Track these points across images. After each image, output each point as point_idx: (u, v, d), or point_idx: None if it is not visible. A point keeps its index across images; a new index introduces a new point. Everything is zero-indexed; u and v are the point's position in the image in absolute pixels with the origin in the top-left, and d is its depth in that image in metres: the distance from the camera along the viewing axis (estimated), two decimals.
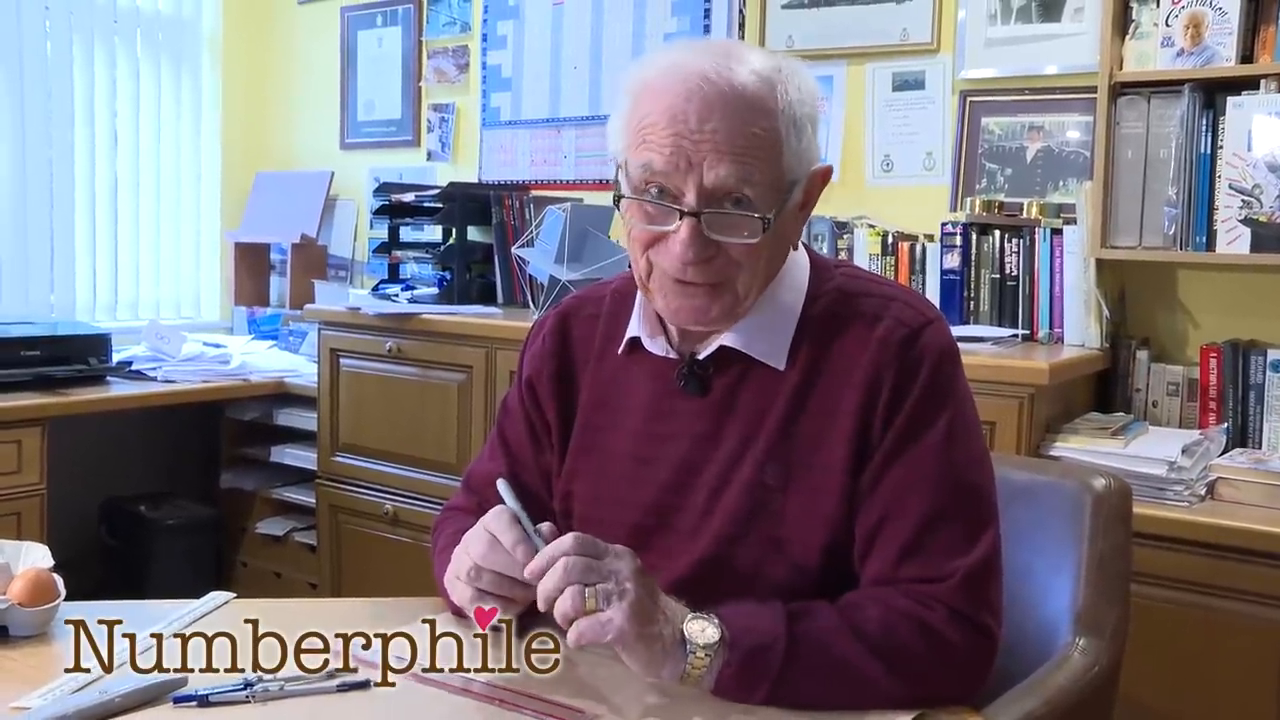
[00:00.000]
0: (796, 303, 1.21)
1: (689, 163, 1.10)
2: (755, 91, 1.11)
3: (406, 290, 3.19)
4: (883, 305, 1.19)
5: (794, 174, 1.15)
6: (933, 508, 1.13)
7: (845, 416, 1.15)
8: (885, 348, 1.16)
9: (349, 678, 1.10)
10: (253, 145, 4.09)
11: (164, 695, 1.05)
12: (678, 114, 1.10)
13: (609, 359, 1.29)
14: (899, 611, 1.09)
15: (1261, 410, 2.22)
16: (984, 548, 1.13)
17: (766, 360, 1.19)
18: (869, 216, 2.69)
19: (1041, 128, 2.60)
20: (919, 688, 1.08)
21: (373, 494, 2.96)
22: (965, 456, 1.16)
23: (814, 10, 2.89)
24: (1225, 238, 2.16)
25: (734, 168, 1.10)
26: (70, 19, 3.57)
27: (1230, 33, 2.16)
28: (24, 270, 3.49)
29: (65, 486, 2.97)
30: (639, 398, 1.25)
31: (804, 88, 1.15)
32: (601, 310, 1.32)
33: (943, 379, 1.17)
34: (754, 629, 1.07)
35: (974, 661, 1.11)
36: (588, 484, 1.28)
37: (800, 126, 1.14)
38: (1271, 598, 1.86)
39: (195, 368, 3.21)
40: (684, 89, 1.10)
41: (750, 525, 1.17)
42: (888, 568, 1.13)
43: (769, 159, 1.12)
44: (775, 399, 1.18)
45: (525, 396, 1.35)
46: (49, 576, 1.24)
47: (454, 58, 3.61)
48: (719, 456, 1.20)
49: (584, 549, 1.05)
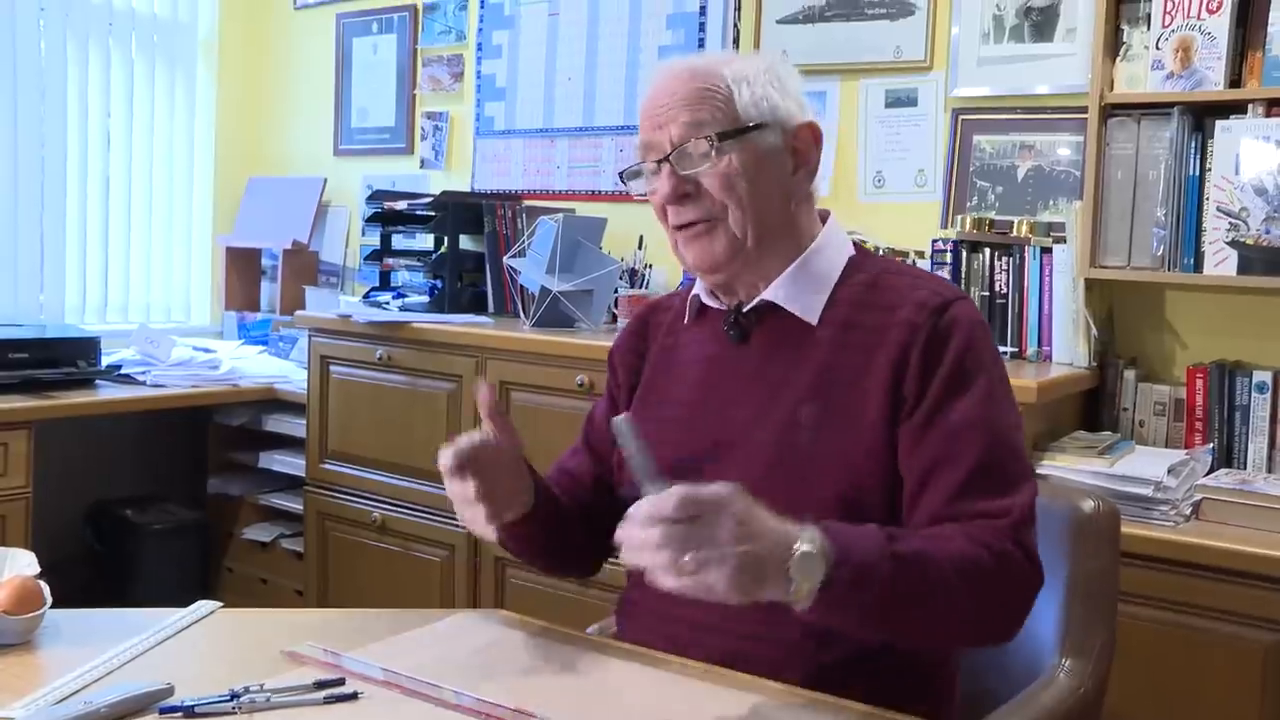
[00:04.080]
0: (834, 272, 1.37)
1: (661, 128, 1.33)
2: (706, 64, 1.36)
3: (397, 298, 3.20)
4: (920, 280, 1.35)
5: (754, 117, 1.33)
6: (984, 454, 1.22)
7: (880, 369, 1.27)
8: (920, 310, 1.28)
9: (336, 689, 1.10)
10: (246, 150, 4.09)
11: (150, 706, 1.05)
12: (652, 99, 1.36)
13: (675, 334, 1.47)
14: (979, 541, 1.17)
15: (1247, 431, 2.24)
16: (1029, 493, 1.24)
17: (801, 314, 1.34)
18: (860, 232, 2.69)
19: (1033, 147, 2.62)
20: (990, 611, 1.18)
21: (361, 501, 2.96)
22: (1006, 421, 1.27)
23: (808, 26, 2.90)
24: (1213, 259, 2.17)
25: (689, 113, 1.32)
26: (65, 20, 3.57)
27: (1219, 57, 2.18)
28: (13, 271, 3.48)
29: (52, 490, 2.96)
30: (697, 352, 1.43)
31: (755, 61, 1.37)
32: (676, 299, 1.51)
33: (978, 343, 1.29)
34: (858, 548, 1.10)
35: (1030, 593, 1.21)
36: (646, 430, 1.33)
37: (754, 81, 1.33)
38: (1256, 618, 1.87)
39: (184, 372, 3.21)
40: (660, 78, 1.37)
41: (781, 458, 1.29)
42: (945, 504, 1.22)
43: (721, 105, 1.32)
44: (811, 350, 1.33)
45: (609, 372, 1.54)
46: (35, 584, 1.24)
47: (449, 66, 3.62)
48: (755, 397, 1.34)
49: (685, 509, 1.04)
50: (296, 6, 4.01)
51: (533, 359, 2.61)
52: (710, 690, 1.15)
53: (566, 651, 1.25)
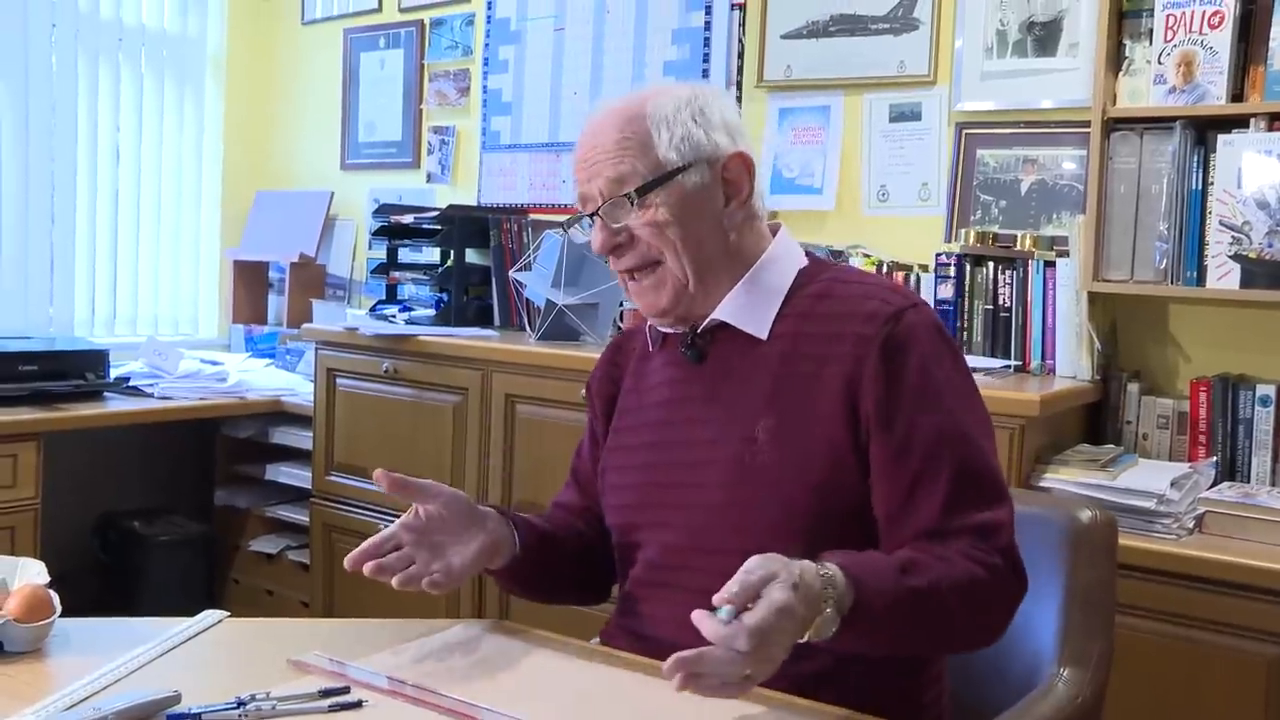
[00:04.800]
0: (783, 285, 1.37)
1: (590, 181, 1.35)
2: (625, 106, 1.35)
3: (404, 311, 3.21)
4: (870, 290, 1.33)
5: (675, 160, 1.32)
6: (963, 464, 1.24)
7: (833, 380, 1.27)
8: (871, 321, 1.28)
9: (341, 698, 1.11)
10: (254, 164, 4.12)
11: (157, 713, 1.06)
12: (580, 148, 1.37)
13: (643, 360, 1.48)
14: (977, 561, 1.19)
15: (1250, 444, 2.24)
16: (1009, 501, 1.26)
17: (749, 330, 1.35)
18: (864, 246, 2.71)
19: (1036, 161, 2.63)
20: (980, 624, 1.22)
21: (366, 513, 2.97)
22: (979, 428, 1.29)
23: (813, 41, 2.92)
24: (1215, 273, 2.18)
25: (612, 168, 1.33)
26: (76, 36, 3.60)
27: (1221, 71, 2.19)
28: (23, 284, 3.50)
29: (60, 501, 2.98)
30: (661, 376, 1.44)
31: (677, 95, 1.35)
32: (644, 327, 1.50)
33: (937, 349, 1.28)
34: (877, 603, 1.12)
35: (1016, 602, 1.24)
36: (619, 457, 1.45)
37: (673, 121, 1.33)
38: (1259, 631, 1.87)
39: (192, 385, 3.22)
40: (585, 128, 1.38)
41: (742, 474, 1.30)
42: (937, 519, 1.22)
43: (640, 153, 1.32)
44: (763, 365, 1.33)
45: (588, 404, 1.57)
46: (45, 593, 1.25)
47: (455, 81, 3.64)
48: (716, 415, 1.35)
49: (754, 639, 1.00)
50: (304, 21, 4.04)
51: (538, 372, 2.62)
52: (712, 699, 1.16)
53: (569, 661, 1.26)
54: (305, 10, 4.03)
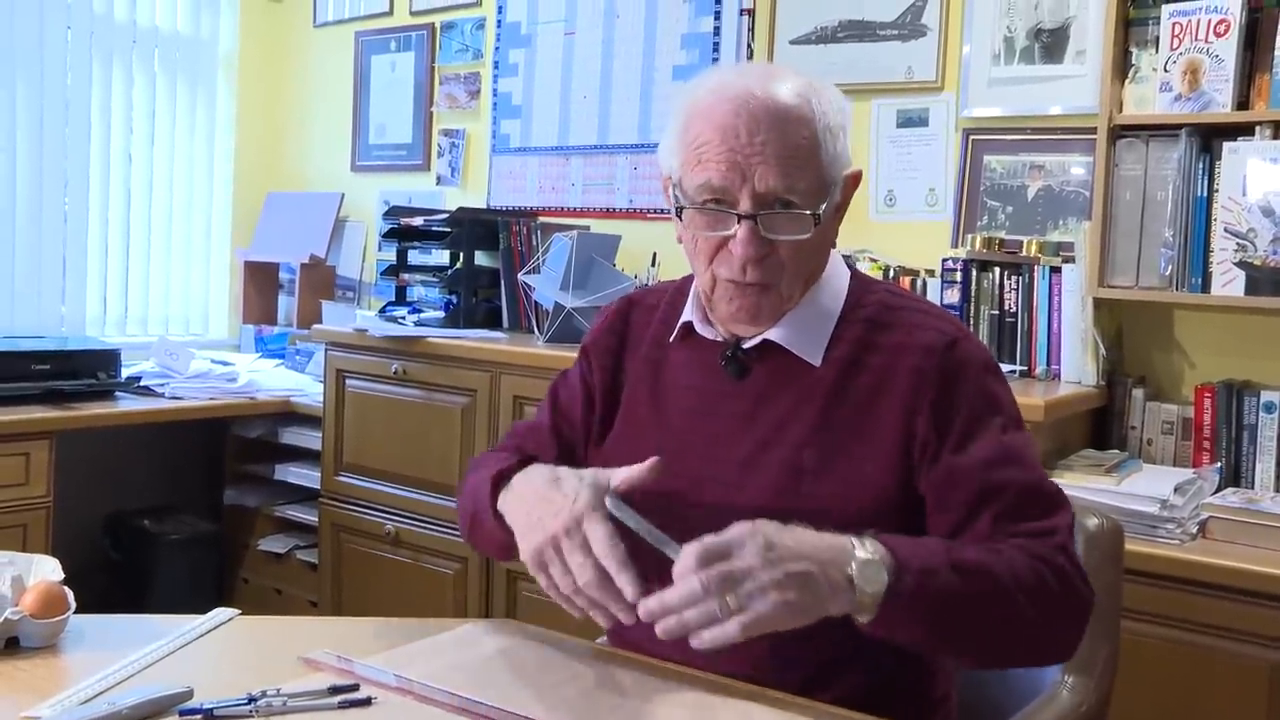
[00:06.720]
0: (836, 307, 1.32)
1: (742, 174, 1.20)
2: (794, 104, 1.22)
3: (413, 313, 3.23)
4: (925, 318, 1.30)
5: (832, 176, 1.25)
6: (1022, 485, 1.21)
7: (889, 414, 1.24)
8: (929, 355, 1.25)
9: (351, 695, 1.13)
10: (265, 165, 4.14)
11: (170, 708, 1.08)
12: (729, 130, 1.21)
13: (661, 348, 1.39)
14: (1035, 555, 1.15)
15: (1254, 451, 2.25)
16: (1069, 511, 1.24)
17: (803, 355, 1.29)
18: (871, 251, 2.72)
19: (1043, 167, 2.64)
20: (1052, 626, 1.16)
21: (375, 514, 2.98)
22: (1030, 450, 1.26)
23: (821, 47, 2.93)
24: (1220, 280, 2.19)
25: (782, 174, 1.20)
26: (90, 38, 3.63)
27: (1227, 79, 2.20)
28: (36, 284, 3.53)
29: (71, 499, 3.00)
30: (685, 381, 1.35)
31: (833, 100, 1.26)
32: (660, 303, 1.43)
33: (991, 378, 1.27)
34: (919, 555, 1.10)
35: (1087, 609, 1.18)
36: (627, 458, 1.31)
37: (834, 133, 1.24)
38: (1261, 636, 1.88)
39: (202, 385, 3.25)
40: (733, 107, 1.21)
41: (782, 503, 1.22)
42: (991, 530, 1.19)
43: (811, 163, 1.22)
44: (813, 390, 1.28)
45: (583, 362, 1.45)
46: (60, 589, 1.27)
47: (465, 84, 3.66)
48: (753, 437, 1.29)
49: (705, 558, 1.03)
50: (316, 24, 4.06)
51: (546, 374, 2.63)
52: (719, 700, 1.17)
53: (577, 661, 1.27)
54: (317, 13, 4.05)
